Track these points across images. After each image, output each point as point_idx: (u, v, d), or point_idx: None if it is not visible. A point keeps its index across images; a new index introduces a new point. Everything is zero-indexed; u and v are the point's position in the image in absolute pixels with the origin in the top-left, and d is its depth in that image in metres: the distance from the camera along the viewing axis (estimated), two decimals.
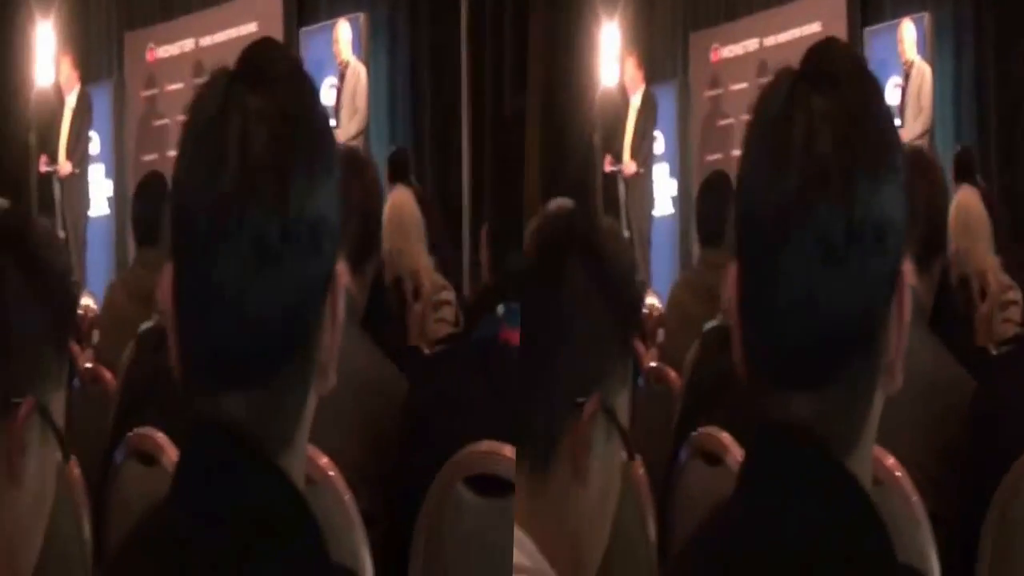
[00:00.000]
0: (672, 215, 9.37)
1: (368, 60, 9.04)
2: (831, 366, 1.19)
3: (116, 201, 9.31)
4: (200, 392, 1.20)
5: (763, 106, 1.22)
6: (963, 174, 6.57)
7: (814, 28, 8.70)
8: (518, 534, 1.66)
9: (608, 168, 9.29)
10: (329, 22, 9.11)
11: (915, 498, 2.54)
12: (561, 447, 1.68)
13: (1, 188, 6.70)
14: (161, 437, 2.95)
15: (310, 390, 1.23)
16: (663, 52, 9.78)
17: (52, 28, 9.42)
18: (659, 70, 9.63)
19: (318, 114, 1.23)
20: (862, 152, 1.18)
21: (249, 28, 9.07)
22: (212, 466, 1.20)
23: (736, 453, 2.99)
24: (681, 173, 9.53)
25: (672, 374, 4.22)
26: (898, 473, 2.56)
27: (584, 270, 1.70)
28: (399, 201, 4.05)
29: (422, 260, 4.24)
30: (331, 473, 2.51)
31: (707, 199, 5.37)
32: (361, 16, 9.06)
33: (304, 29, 9.03)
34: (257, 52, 1.23)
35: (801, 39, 8.76)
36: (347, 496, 2.49)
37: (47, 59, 9.42)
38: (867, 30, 8.53)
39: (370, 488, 2.65)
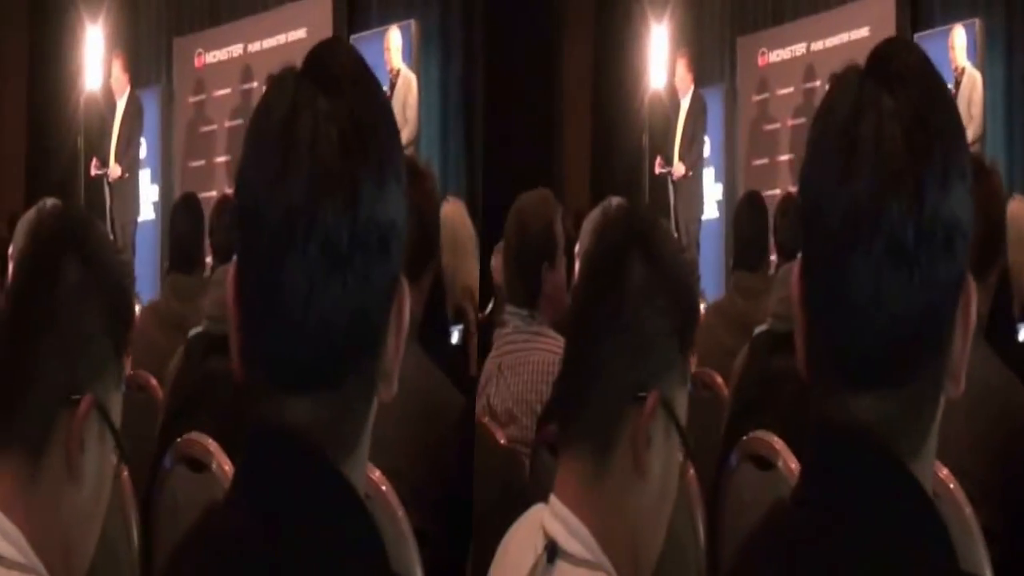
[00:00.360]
0: (717, 219, 9.31)
1: (419, 69, 8.97)
2: (898, 369, 1.17)
3: (162, 206, 9.27)
4: (264, 396, 1.18)
5: (831, 105, 1.20)
6: None
7: (863, 33, 8.63)
8: (576, 525, 1.66)
9: (658, 170, 9.24)
10: (380, 29, 8.99)
11: (968, 510, 2.51)
12: (621, 439, 1.68)
13: (50, 191, 6.71)
14: (211, 443, 2.92)
15: (374, 398, 1.21)
16: (710, 56, 9.74)
17: (101, 32, 9.45)
18: (706, 74, 9.58)
19: (387, 118, 1.21)
20: (933, 153, 1.17)
21: (298, 34, 9.03)
22: (275, 471, 1.18)
23: (788, 458, 2.96)
24: (727, 177, 9.48)
25: (719, 379, 4.17)
26: (951, 485, 2.52)
27: (645, 266, 1.70)
28: (451, 214, 3.94)
29: (476, 277, 4.14)
30: (384, 487, 2.44)
31: (746, 221, 5.06)
32: (412, 23, 8.95)
33: (354, 36, 8.95)
34: (324, 53, 1.21)
35: (849, 44, 8.69)
36: (400, 512, 2.43)
37: (96, 63, 9.45)
38: (917, 36, 8.44)
39: (424, 505, 2.59)
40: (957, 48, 8.29)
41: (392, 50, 8.86)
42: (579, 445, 1.70)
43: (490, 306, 5.46)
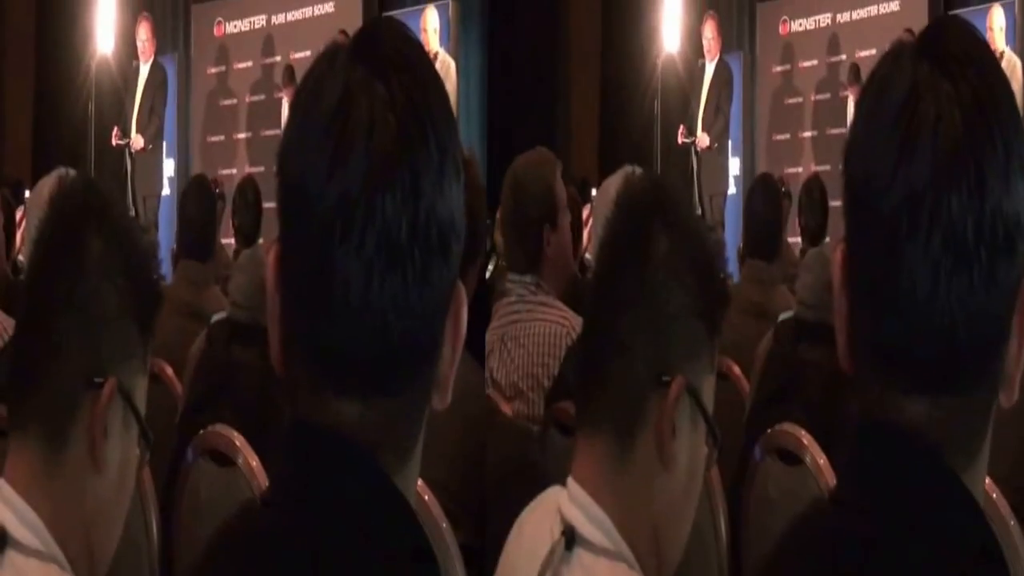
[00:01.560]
0: (734, 195, 9.17)
1: (458, 52, 8.71)
2: (955, 375, 1.13)
3: (178, 182, 9.09)
4: (310, 393, 1.13)
5: (884, 82, 1.14)
6: None
7: (892, 7, 8.49)
8: (597, 511, 1.61)
9: (681, 140, 9.13)
10: (416, 8, 8.74)
11: (1013, 522, 2.44)
12: (646, 426, 1.62)
13: (58, 159, 6.54)
14: (238, 437, 2.83)
15: (427, 407, 1.16)
16: (728, 22, 9.59)
17: None
18: (724, 41, 9.45)
19: (445, 105, 1.16)
20: (995, 141, 1.12)
21: (326, 8, 8.80)
22: (321, 474, 1.12)
23: (817, 454, 2.92)
24: (745, 151, 9.35)
25: (736, 369, 4.06)
26: (994, 494, 2.46)
27: (670, 238, 1.64)
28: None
29: None
30: (426, 497, 2.30)
31: (760, 207, 4.73)
32: (450, 2, 8.67)
33: (386, 15, 8.84)
34: (376, 33, 1.15)
35: (878, 17, 8.55)
36: (444, 524, 2.29)
37: (108, 26, 9.36)
38: (952, 15, 8.22)
39: (471, 520, 2.48)
40: (995, 30, 7.98)
41: (429, 32, 8.57)
42: (599, 427, 1.63)
43: (490, 268, 5.29)
